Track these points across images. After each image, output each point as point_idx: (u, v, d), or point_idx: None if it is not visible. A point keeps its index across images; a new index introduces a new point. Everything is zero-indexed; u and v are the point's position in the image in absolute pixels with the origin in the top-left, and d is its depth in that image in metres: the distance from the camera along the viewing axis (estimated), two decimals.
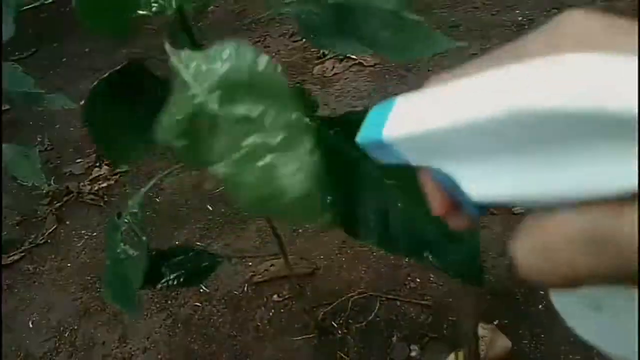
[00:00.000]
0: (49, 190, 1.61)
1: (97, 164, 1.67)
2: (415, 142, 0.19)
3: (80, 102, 0.63)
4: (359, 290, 1.07)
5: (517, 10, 1.83)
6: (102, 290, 1.24)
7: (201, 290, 1.18)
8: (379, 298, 1.05)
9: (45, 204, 1.58)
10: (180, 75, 0.42)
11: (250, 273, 1.17)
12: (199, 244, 1.31)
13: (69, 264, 1.37)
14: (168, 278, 0.70)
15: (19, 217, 1.56)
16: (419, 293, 1.04)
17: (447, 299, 1.01)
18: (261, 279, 1.16)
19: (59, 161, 1.78)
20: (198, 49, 0.60)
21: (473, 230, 0.50)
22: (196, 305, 1.15)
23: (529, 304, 0.98)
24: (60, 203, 1.57)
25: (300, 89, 0.77)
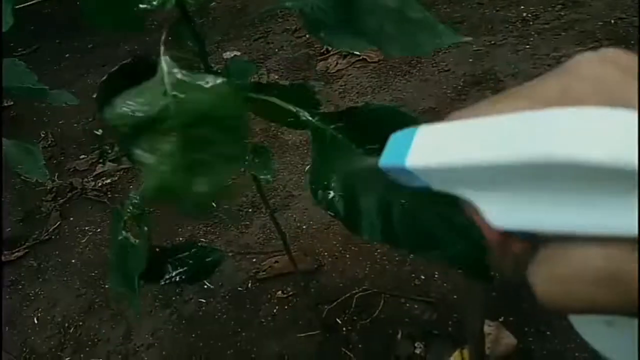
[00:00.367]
0: (52, 187, 1.61)
1: (101, 160, 1.67)
2: (437, 172, 0.21)
3: (84, 98, 0.63)
4: (363, 287, 1.07)
5: (522, 6, 1.82)
6: (107, 286, 1.25)
7: (205, 286, 1.18)
8: (383, 295, 1.05)
9: (49, 200, 1.58)
10: (162, 77, 0.42)
11: (255, 269, 1.17)
12: (203, 240, 1.31)
13: (73, 260, 1.38)
14: (171, 274, 0.70)
15: (23, 213, 1.56)
16: (424, 290, 1.04)
17: (452, 296, 1.01)
18: (265, 275, 1.16)
19: (63, 157, 1.78)
20: (200, 43, 0.60)
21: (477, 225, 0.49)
22: (200, 302, 1.16)
23: (535, 301, 0.97)
24: (64, 199, 1.57)
25: (303, 85, 0.76)
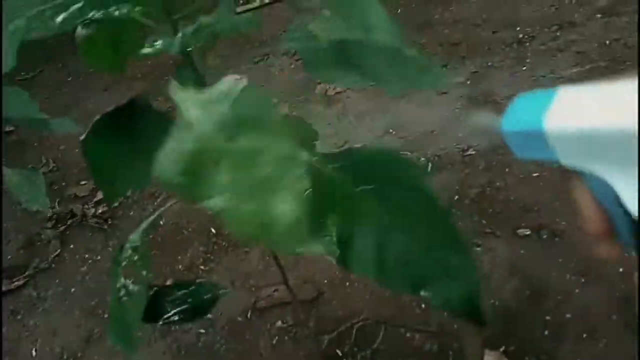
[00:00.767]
0: (53, 213, 1.62)
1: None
2: (578, 139, 0.17)
3: (86, 122, 0.63)
4: (363, 316, 1.07)
5: (518, 27, 1.84)
6: (106, 316, 1.24)
7: (207, 314, 1.17)
8: (384, 325, 1.04)
9: (49, 228, 1.58)
10: (184, 113, 0.43)
11: (254, 299, 1.17)
12: (202, 267, 1.31)
13: (73, 289, 1.37)
14: (169, 314, 0.70)
15: (23, 241, 1.56)
16: (424, 319, 1.03)
17: (452, 326, 1.00)
18: (265, 304, 1.15)
19: (64, 183, 1.79)
20: (202, 82, 0.61)
21: (472, 267, 0.49)
22: (199, 332, 1.15)
23: (535, 328, 0.97)
24: (65, 226, 1.58)
25: (299, 119, 0.77)
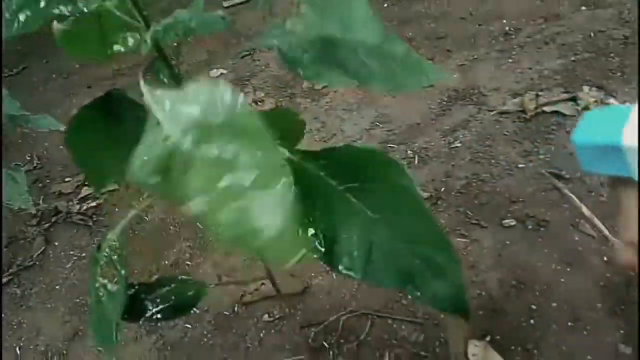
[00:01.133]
0: (37, 210, 1.60)
1: (86, 182, 1.65)
2: None
3: (70, 118, 0.63)
4: (350, 308, 1.06)
5: (504, 20, 1.84)
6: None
7: (191, 311, 1.16)
8: (371, 316, 1.04)
9: (33, 225, 1.56)
10: (154, 114, 0.41)
11: (241, 293, 1.16)
12: (188, 263, 1.30)
13: (57, 286, 1.35)
14: (151, 312, 0.69)
15: (7, 239, 1.54)
16: (411, 310, 1.03)
17: (439, 316, 1.01)
18: (251, 298, 1.15)
19: (48, 180, 1.76)
20: (177, 80, 0.60)
21: (455, 263, 0.49)
22: (186, 327, 1.14)
23: (520, 319, 0.97)
24: (49, 223, 1.55)
25: (287, 110, 0.76)
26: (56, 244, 1.49)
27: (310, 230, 0.52)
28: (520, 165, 1.28)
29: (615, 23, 1.66)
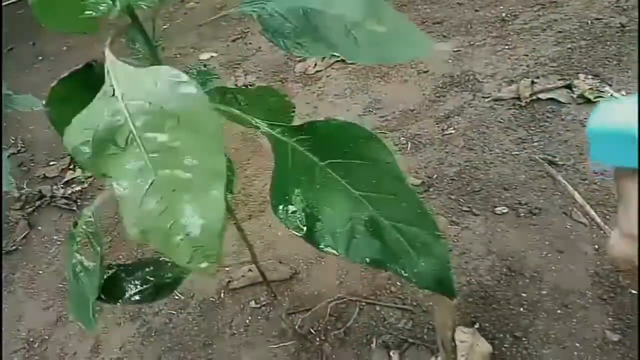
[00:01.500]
0: (21, 194, 1.56)
1: (71, 166, 1.62)
2: None
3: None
4: (338, 295, 1.05)
5: (501, 7, 1.81)
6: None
7: (176, 297, 1.14)
8: (358, 303, 1.02)
9: (17, 209, 1.53)
10: (111, 84, 0.39)
11: (227, 279, 1.14)
12: None
13: (40, 272, 1.33)
14: (130, 293, 0.67)
15: None
16: (399, 297, 1.01)
17: (428, 303, 0.99)
18: (238, 285, 1.12)
19: (32, 164, 1.72)
20: (152, 50, 0.57)
21: (440, 241, 0.47)
22: (171, 313, 1.12)
23: (510, 306, 0.96)
24: (33, 207, 1.52)
25: (275, 90, 0.73)
26: (40, 228, 1.45)
27: (292, 207, 0.50)
28: (514, 153, 1.26)
29: (612, 11, 1.64)
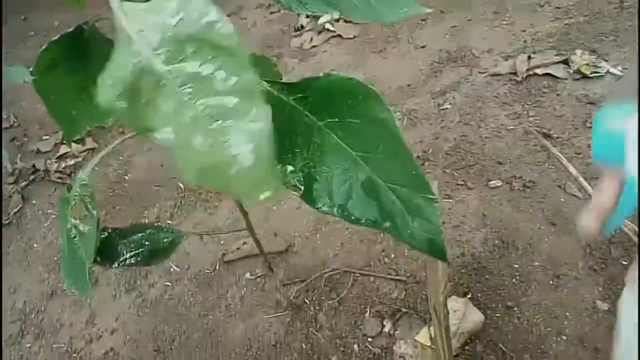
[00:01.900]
0: (14, 169, 1.55)
1: (64, 141, 1.60)
2: None
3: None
4: (333, 266, 1.05)
5: None
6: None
7: (171, 269, 1.15)
8: (353, 274, 1.03)
9: (10, 183, 1.52)
10: (123, 29, 0.38)
11: (222, 251, 1.14)
12: (170, 222, 1.27)
13: (35, 245, 1.32)
14: (125, 257, 0.67)
15: None
16: (393, 268, 1.02)
17: (421, 273, 1.00)
18: (233, 257, 1.13)
19: (26, 138, 1.71)
20: None
21: (433, 204, 0.47)
22: (166, 285, 1.12)
23: (502, 277, 0.97)
24: (27, 182, 1.51)
25: (262, 56, 0.72)
26: (34, 202, 1.45)
27: (289, 167, 0.49)
28: (509, 128, 1.26)
29: None
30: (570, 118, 1.23)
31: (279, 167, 0.51)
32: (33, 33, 2.39)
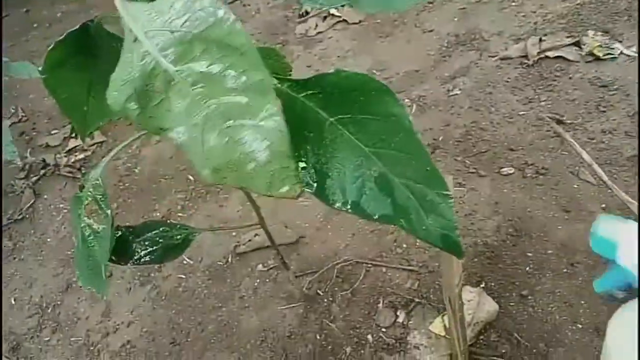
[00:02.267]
0: (25, 164, 1.56)
1: (73, 134, 1.60)
2: None
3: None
4: (345, 257, 1.05)
5: None
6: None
7: (185, 262, 1.15)
8: (365, 265, 1.03)
9: (21, 178, 1.53)
10: (131, 30, 0.37)
11: (234, 243, 1.15)
12: (181, 215, 1.28)
13: (48, 239, 1.34)
14: (139, 255, 0.67)
15: None
16: (405, 258, 1.02)
17: (433, 263, 1.00)
18: (245, 249, 1.13)
19: (35, 133, 1.71)
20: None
21: (448, 199, 0.47)
22: (180, 278, 1.13)
23: (516, 266, 0.97)
24: (37, 176, 1.52)
25: (271, 49, 0.71)
26: (45, 197, 1.46)
27: (301, 164, 0.49)
28: (521, 113, 1.24)
29: None
30: (582, 102, 1.21)
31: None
32: (36, 25, 2.38)
